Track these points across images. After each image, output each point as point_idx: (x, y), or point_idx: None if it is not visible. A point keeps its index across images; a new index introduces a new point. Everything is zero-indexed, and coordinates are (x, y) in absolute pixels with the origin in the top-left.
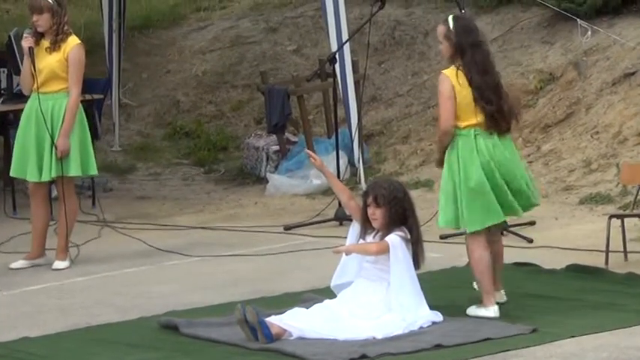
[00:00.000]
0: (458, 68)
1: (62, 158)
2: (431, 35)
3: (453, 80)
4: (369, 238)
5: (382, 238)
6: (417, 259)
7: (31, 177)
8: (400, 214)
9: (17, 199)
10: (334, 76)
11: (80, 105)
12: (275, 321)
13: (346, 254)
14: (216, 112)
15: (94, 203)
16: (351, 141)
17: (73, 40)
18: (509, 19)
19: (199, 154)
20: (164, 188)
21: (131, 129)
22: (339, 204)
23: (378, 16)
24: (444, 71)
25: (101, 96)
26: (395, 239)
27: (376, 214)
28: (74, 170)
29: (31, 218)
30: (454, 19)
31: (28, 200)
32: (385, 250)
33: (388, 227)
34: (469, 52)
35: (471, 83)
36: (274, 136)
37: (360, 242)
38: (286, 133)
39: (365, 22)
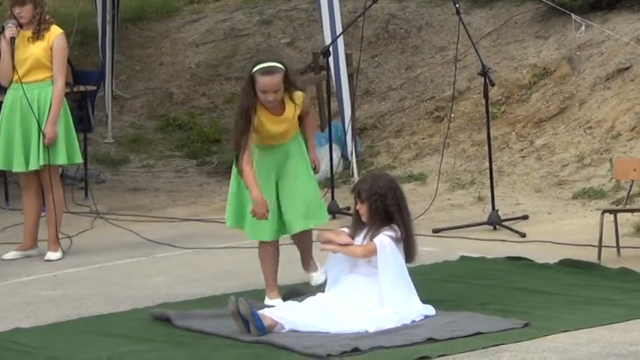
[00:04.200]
0: None
1: (49, 146)
2: (425, 29)
3: None
4: (359, 238)
5: (372, 237)
6: (409, 253)
7: (18, 167)
8: (381, 210)
9: (10, 190)
10: (328, 69)
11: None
12: (268, 313)
13: (333, 253)
14: (209, 104)
15: (86, 195)
16: (344, 134)
17: (56, 29)
18: (503, 13)
19: (192, 147)
20: (157, 180)
21: (124, 121)
22: (332, 197)
23: (371, 10)
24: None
25: (94, 88)
26: (384, 240)
27: (361, 209)
28: (61, 159)
29: (23, 210)
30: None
31: (20, 191)
32: (372, 253)
33: (374, 223)
34: None
35: None
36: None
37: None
38: None
39: (359, 15)
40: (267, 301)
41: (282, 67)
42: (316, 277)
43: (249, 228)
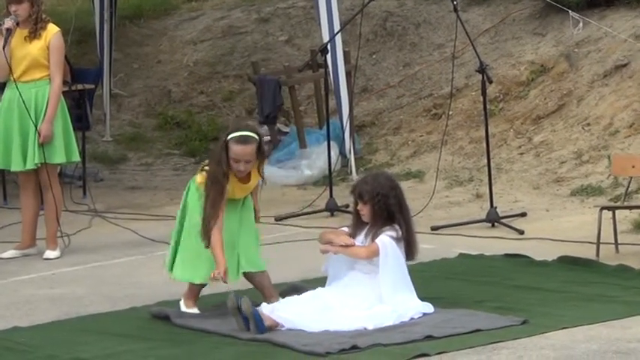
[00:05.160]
0: None
1: (45, 145)
2: (422, 26)
3: None
4: (360, 237)
5: (373, 238)
6: (410, 252)
7: (16, 166)
8: (384, 210)
9: (8, 189)
10: (326, 66)
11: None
12: (266, 311)
13: (334, 254)
14: (207, 102)
15: (84, 193)
16: (342, 132)
17: (53, 28)
18: (501, 10)
19: (190, 145)
20: (155, 178)
21: (122, 119)
22: (330, 194)
23: (369, 7)
24: None
25: (92, 86)
26: (385, 240)
27: (363, 210)
28: (59, 157)
29: (21, 208)
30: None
31: (18, 190)
32: (375, 254)
33: (376, 223)
34: None
35: None
36: (265, 126)
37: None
38: (277, 124)
39: (357, 12)
40: (182, 307)
41: (257, 137)
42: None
43: (204, 275)
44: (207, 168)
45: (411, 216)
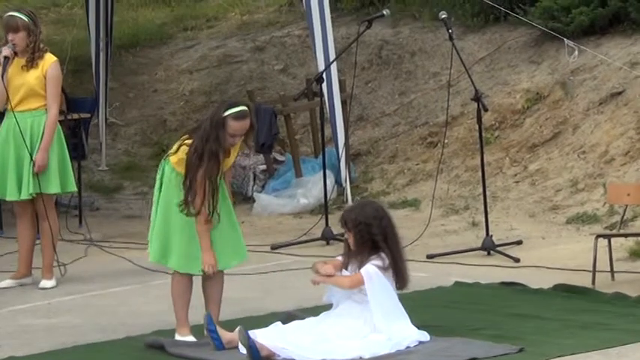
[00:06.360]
0: None
1: (41, 175)
2: (418, 55)
3: None
4: (352, 266)
5: (360, 267)
6: (399, 281)
7: (11, 196)
8: (367, 239)
9: (4, 218)
10: (321, 95)
11: (57, 122)
12: (262, 339)
13: (324, 284)
14: None
15: (80, 222)
16: (338, 160)
17: (50, 57)
18: (497, 38)
19: None
20: (151, 207)
21: (118, 148)
22: (326, 223)
23: (365, 36)
24: None
25: (88, 115)
26: (370, 269)
27: (349, 238)
28: (54, 188)
29: (17, 237)
30: None
31: (15, 219)
32: (359, 283)
33: (362, 252)
34: None
35: None
36: (261, 155)
37: (343, 272)
38: (273, 153)
39: (352, 41)
40: (177, 337)
41: (249, 110)
42: None
43: (180, 261)
44: (187, 142)
45: (400, 246)
